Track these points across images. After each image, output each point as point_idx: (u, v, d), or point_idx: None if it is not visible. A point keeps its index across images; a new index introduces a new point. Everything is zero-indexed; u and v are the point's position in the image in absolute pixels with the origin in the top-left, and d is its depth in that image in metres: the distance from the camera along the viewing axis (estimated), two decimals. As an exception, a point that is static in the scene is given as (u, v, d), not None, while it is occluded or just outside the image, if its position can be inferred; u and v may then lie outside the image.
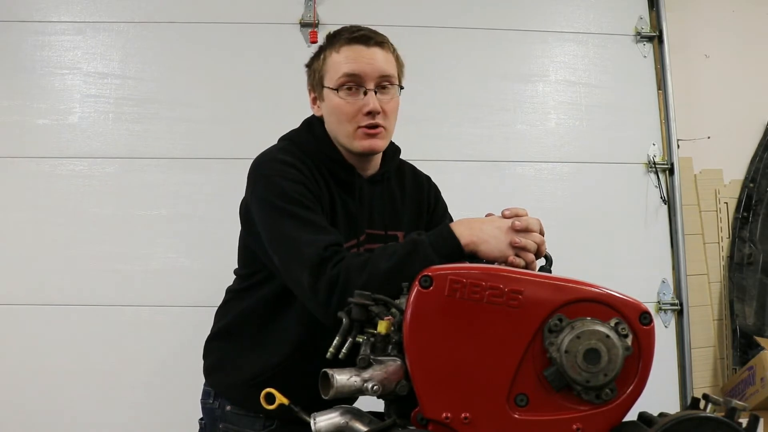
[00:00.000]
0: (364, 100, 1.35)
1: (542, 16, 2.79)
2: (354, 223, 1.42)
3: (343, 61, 1.36)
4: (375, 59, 1.36)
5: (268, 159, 1.37)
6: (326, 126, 1.42)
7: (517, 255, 1.17)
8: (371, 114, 1.35)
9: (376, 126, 1.36)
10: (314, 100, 1.45)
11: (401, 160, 1.57)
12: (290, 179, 1.30)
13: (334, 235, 1.26)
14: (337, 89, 1.36)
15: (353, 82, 1.35)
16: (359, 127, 1.35)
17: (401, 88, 1.43)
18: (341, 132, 1.38)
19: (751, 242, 2.77)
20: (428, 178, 1.62)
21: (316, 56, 1.44)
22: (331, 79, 1.37)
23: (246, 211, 1.39)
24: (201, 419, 1.52)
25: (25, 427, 2.37)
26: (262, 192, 1.31)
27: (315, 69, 1.43)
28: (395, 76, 1.40)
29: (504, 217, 1.22)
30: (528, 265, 1.18)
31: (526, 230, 1.19)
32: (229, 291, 1.54)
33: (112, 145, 2.53)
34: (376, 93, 1.35)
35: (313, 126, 1.45)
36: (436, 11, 2.70)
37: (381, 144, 1.39)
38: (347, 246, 1.37)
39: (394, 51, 1.42)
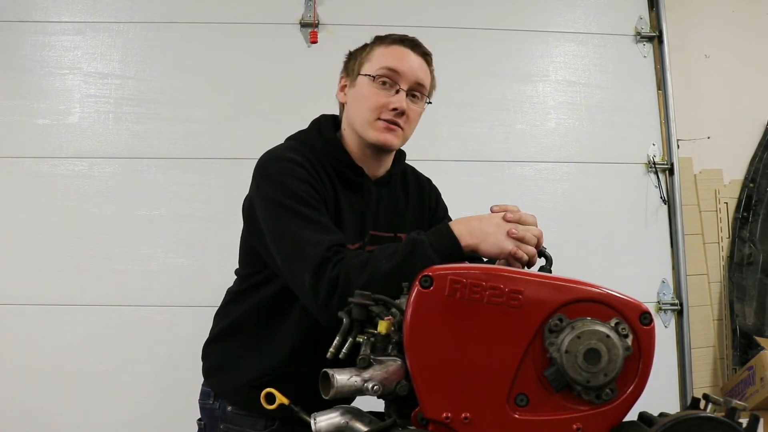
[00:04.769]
0: (395, 96, 1.38)
1: (542, 16, 2.79)
2: (360, 224, 1.42)
3: (388, 55, 1.40)
4: (417, 65, 1.41)
5: (275, 157, 1.37)
6: (345, 113, 1.45)
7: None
8: (396, 111, 1.37)
9: (396, 123, 1.38)
10: (343, 87, 1.48)
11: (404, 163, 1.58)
12: (297, 178, 1.31)
13: (338, 235, 1.26)
14: (374, 77, 1.39)
15: (390, 78, 1.38)
16: (381, 119, 1.38)
17: (429, 102, 1.48)
18: (361, 118, 1.40)
19: (751, 242, 2.77)
20: (429, 181, 1.63)
21: (361, 48, 1.47)
22: (371, 67, 1.40)
23: (249, 208, 1.39)
24: (199, 419, 1.52)
25: (25, 427, 2.37)
26: (269, 190, 1.31)
27: (357, 56, 1.46)
28: (427, 88, 1.45)
29: (493, 212, 1.23)
30: (530, 259, 1.18)
31: (518, 222, 1.20)
32: (230, 292, 1.53)
33: (112, 145, 2.53)
34: (407, 95, 1.39)
35: (322, 127, 1.46)
36: (436, 11, 2.70)
37: (396, 142, 1.41)
38: (354, 247, 1.36)
39: (432, 69, 1.47)
